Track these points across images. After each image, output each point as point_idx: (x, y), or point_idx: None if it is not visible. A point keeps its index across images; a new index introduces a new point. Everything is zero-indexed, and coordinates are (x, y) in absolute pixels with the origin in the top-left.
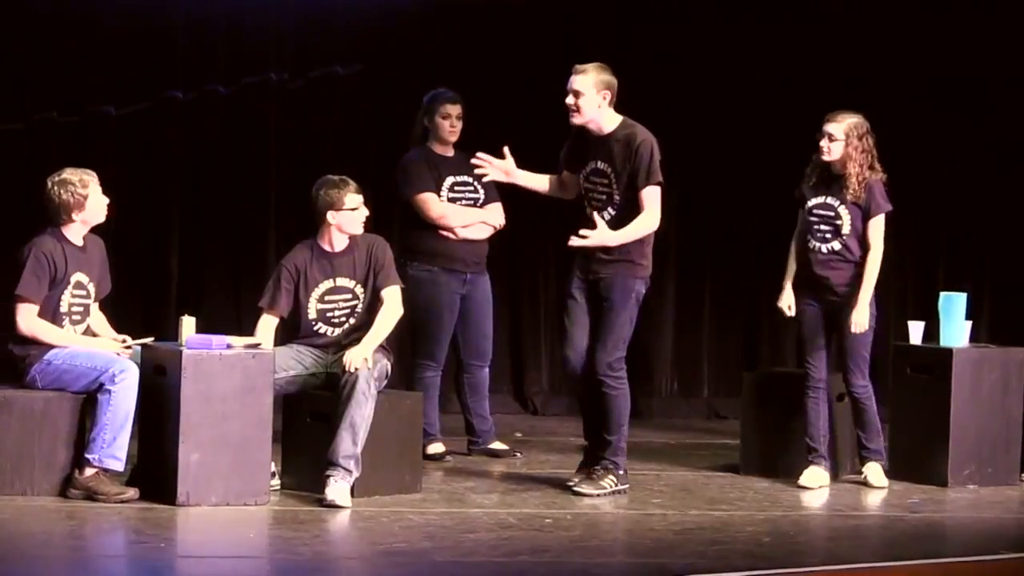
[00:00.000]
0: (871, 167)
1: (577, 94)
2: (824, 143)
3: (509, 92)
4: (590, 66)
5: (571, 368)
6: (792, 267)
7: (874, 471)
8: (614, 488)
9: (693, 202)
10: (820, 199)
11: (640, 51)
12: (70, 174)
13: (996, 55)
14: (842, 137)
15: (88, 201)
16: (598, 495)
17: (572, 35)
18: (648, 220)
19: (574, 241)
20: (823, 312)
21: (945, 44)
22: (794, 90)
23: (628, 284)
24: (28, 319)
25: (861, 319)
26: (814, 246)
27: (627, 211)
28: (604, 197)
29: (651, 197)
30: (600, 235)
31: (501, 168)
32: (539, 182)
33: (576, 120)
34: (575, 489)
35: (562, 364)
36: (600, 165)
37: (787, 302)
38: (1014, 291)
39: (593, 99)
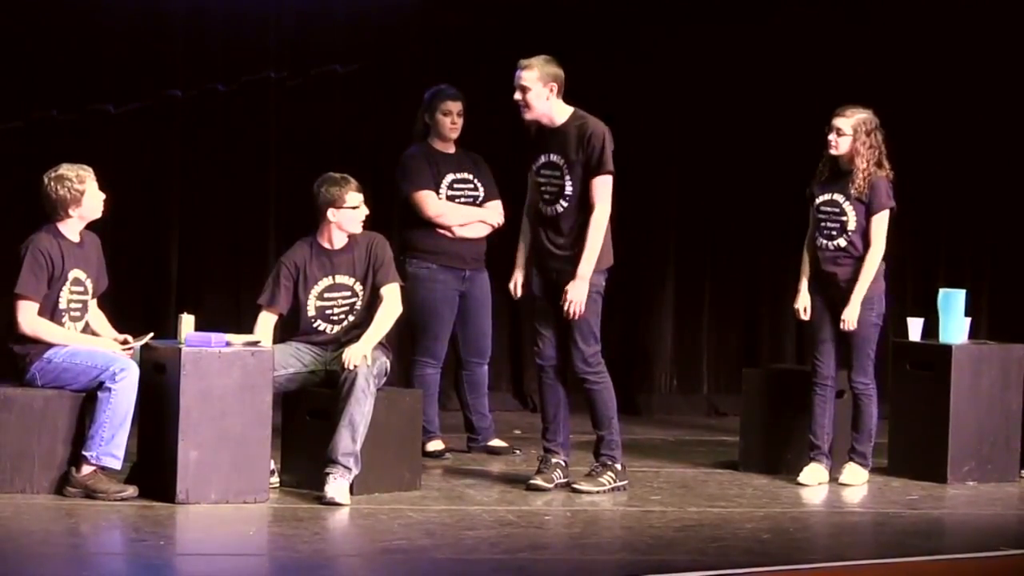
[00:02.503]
0: (878, 164)
1: (524, 90)
2: (832, 137)
3: (510, 89)
4: (534, 60)
5: (544, 358)
6: (806, 268)
7: (850, 470)
8: (613, 485)
9: (693, 198)
10: (827, 196)
11: (640, 49)
12: (66, 170)
13: (997, 53)
14: (850, 132)
15: (85, 197)
16: (597, 492)
17: (574, 33)
18: (598, 218)
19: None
20: (830, 308)
21: (945, 42)
22: (794, 88)
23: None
24: (29, 318)
25: (851, 316)
26: (821, 243)
27: (579, 203)
28: (556, 190)
29: (601, 186)
30: (575, 290)
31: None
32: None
33: (528, 116)
34: (574, 486)
35: (535, 356)
36: (552, 158)
37: (803, 304)
38: (1013, 287)
39: (540, 92)
